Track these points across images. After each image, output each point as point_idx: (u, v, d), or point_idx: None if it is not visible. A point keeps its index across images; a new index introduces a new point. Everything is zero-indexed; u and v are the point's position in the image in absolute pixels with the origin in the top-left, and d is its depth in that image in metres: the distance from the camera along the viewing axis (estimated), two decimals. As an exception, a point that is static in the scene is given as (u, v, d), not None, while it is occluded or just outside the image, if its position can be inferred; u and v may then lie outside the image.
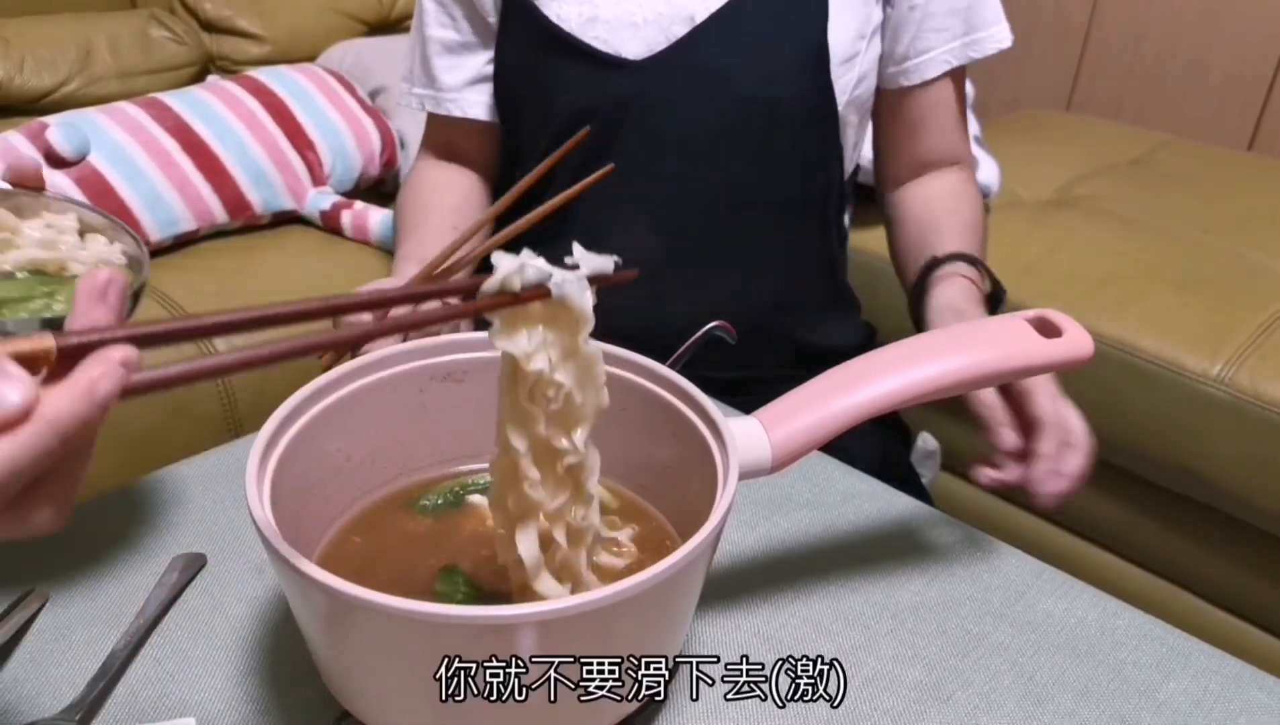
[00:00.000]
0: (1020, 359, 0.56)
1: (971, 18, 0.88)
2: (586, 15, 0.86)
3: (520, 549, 0.48)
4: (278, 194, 1.53)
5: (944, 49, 0.88)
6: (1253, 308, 1.34)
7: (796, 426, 0.52)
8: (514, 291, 0.43)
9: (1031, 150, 1.84)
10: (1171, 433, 1.29)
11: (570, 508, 0.48)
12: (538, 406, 0.46)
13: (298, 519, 0.51)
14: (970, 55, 0.89)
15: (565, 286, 0.44)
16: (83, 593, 0.58)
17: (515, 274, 0.43)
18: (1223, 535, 1.32)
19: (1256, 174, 1.78)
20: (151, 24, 1.70)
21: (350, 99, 1.63)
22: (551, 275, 0.43)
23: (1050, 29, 2.30)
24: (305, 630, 0.47)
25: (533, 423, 0.46)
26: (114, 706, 0.51)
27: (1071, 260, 1.47)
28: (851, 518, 0.67)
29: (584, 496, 0.49)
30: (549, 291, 0.44)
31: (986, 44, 0.89)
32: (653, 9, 0.84)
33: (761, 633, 0.57)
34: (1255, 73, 2.07)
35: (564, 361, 0.45)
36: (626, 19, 0.85)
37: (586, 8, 0.86)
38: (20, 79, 1.54)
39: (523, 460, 0.47)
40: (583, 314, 0.44)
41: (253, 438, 0.50)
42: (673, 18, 0.84)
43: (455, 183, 0.98)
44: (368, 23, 1.90)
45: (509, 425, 0.47)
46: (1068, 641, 0.57)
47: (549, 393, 0.45)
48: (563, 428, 0.47)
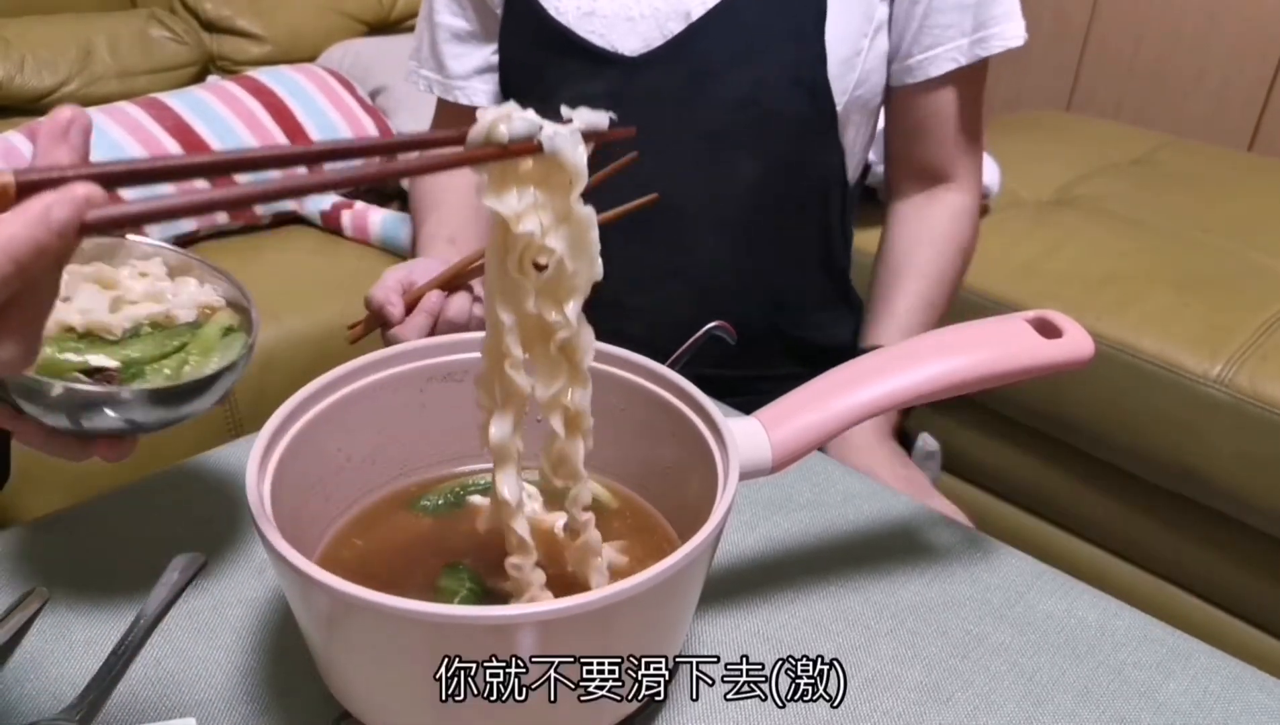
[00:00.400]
0: (1020, 359, 0.56)
1: (981, 13, 0.85)
2: (584, 9, 0.86)
3: (501, 489, 0.47)
4: (278, 194, 1.53)
5: (950, 46, 0.86)
6: (1253, 308, 1.34)
7: (797, 426, 0.52)
8: (502, 142, 0.40)
9: (1031, 150, 1.84)
10: (1171, 433, 1.29)
11: (567, 391, 0.46)
12: (527, 277, 0.43)
13: (298, 519, 0.51)
14: (978, 54, 0.86)
15: (557, 140, 0.41)
16: (83, 593, 0.58)
17: (502, 121, 0.40)
18: (1223, 536, 1.32)
19: (1256, 174, 1.78)
20: (151, 24, 1.70)
21: (350, 99, 1.63)
22: (541, 127, 0.41)
23: (1050, 29, 2.30)
24: (305, 630, 0.47)
25: (522, 296, 0.44)
26: (114, 706, 0.51)
27: (1071, 260, 1.47)
28: (851, 518, 0.67)
29: (580, 377, 0.46)
30: (540, 146, 0.41)
31: (995, 42, 0.86)
32: (649, 4, 0.84)
33: (761, 633, 0.57)
34: (1255, 73, 2.07)
35: (556, 226, 0.43)
36: (623, 14, 0.85)
37: (584, 1, 0.86)
38: (20, 79, 1.54)
39: (508, 336, 0.45)
40: (576, 169, 0.42)
41: (253, 438, 0.50)
42: (669, 14, 0.84)
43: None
44: (368, 23, 1.90)
45: (496, 299, 0.44)
46: (1068, 642, 0.57)
47: (540, 260, 0.43)
48: (554, 300, 0.44)
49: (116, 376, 0.49)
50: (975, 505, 1.55)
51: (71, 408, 0.46)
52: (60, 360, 0.48)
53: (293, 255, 1.51)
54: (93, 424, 0.47)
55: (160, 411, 0.47)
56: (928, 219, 0.94)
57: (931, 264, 0.92)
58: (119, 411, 0.47)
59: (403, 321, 0.76)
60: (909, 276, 0.92)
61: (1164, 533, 1.38)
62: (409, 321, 0.75)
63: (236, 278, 0.55)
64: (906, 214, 0.95)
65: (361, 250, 1.53)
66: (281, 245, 1.53)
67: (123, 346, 0.50)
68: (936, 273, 0.92)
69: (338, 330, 1.34)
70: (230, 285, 0.55)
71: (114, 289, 0.52)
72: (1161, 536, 1.38)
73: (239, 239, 1.53)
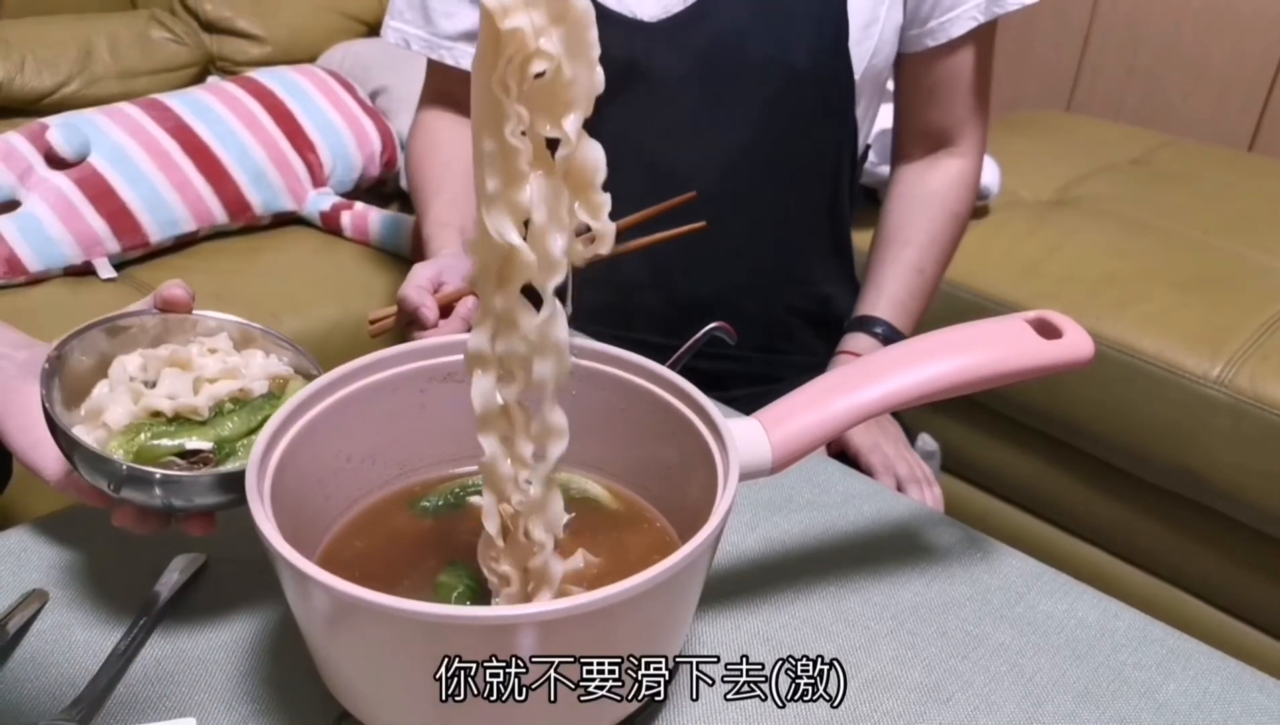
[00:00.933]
0: (1020, 360, 0.56)
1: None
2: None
3: (474, 396, 0.45)
4: (278, 195, 1.53)
5: (970, 5, 0.86)
6: (1253, 308, 1.34)
7: (797, 427, 0.52)
8: None
9: (1031, 150, 1.84)
10: (1171, 434, 1.29)
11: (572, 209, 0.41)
12: (511, 98, 0.38)
13: (298, 519, 0.51)
14: (995, 11, 0.87)
15: None
16: (83, 593, 0.58)
17: None
18: (1223, 536, 1.32)
19: (1256, 174, 1.78)
20: (152, 25, 1.70)
21: (350, 99, 1.64)
22: None
23: (1050, 29, 2.30)
24: (305, 630, 0.47)
25: (504, 118, 0.39)
26: (114, 706, 0.51)
27: (1071, 260, 1.47)
28: (851, 519, 0.67)
29: (591, 205, 0.40)
30: None
31: (1011, 1, 0.86)
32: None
33: (761, 633, 0.57)
34: (1255, 73, 2.07)
35: (552, 25, 0.38)
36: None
37: None
38: (21, 79, 1.54)
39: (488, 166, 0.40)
40: None
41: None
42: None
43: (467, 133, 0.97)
44: (368, 23, 1.90)
45: (479, 126, 0.40)
46: (1068, 643, 0.57)
47: (532, 69, 0.38)
48: (549, 113, 0.39)
49: (212, 458, 0.51)
50: (975, 505, 1.55)
51: (171, 492, 0.49)
52: (155, 447, 0.50)
53: (292, 256, 1.51)
54: (188, 503, 0.50)
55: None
56: (927, 184, 0.95)
57: (923, 232, 0.94)
58: (216, 492, 0.50)
59: (437, 325, 0.74)
60: (900, 244, 0.94)
61: (1164, 533, 1.38)
62: (445, 326, 0.74)
63: (300, 345, 0.57)
64: (907, 179, 0.97)
65: (361, 251, 1.53)
66: (281, 246, 1.53)
67: (212, 427, 0.52)
68: (928, 240, 0.94)
69: (337, 330, 1.35)
70: (294, 351, 0.57)
71: (191, 369, 0.53)
72: (1161, 537, 1.38)
73: (239, 239, 1.53)
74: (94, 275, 1.39)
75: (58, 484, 0.54)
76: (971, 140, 0.96)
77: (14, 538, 0.62)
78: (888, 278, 0.93)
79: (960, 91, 0.92)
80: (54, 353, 0.52)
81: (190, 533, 0.53)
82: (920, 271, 0.93)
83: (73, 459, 0.50)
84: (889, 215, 0.97)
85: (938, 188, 0.95)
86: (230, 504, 0.50)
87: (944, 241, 0.95)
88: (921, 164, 0.96)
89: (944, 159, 0.95)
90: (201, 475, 0.49)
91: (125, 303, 0.58)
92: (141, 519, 0.52)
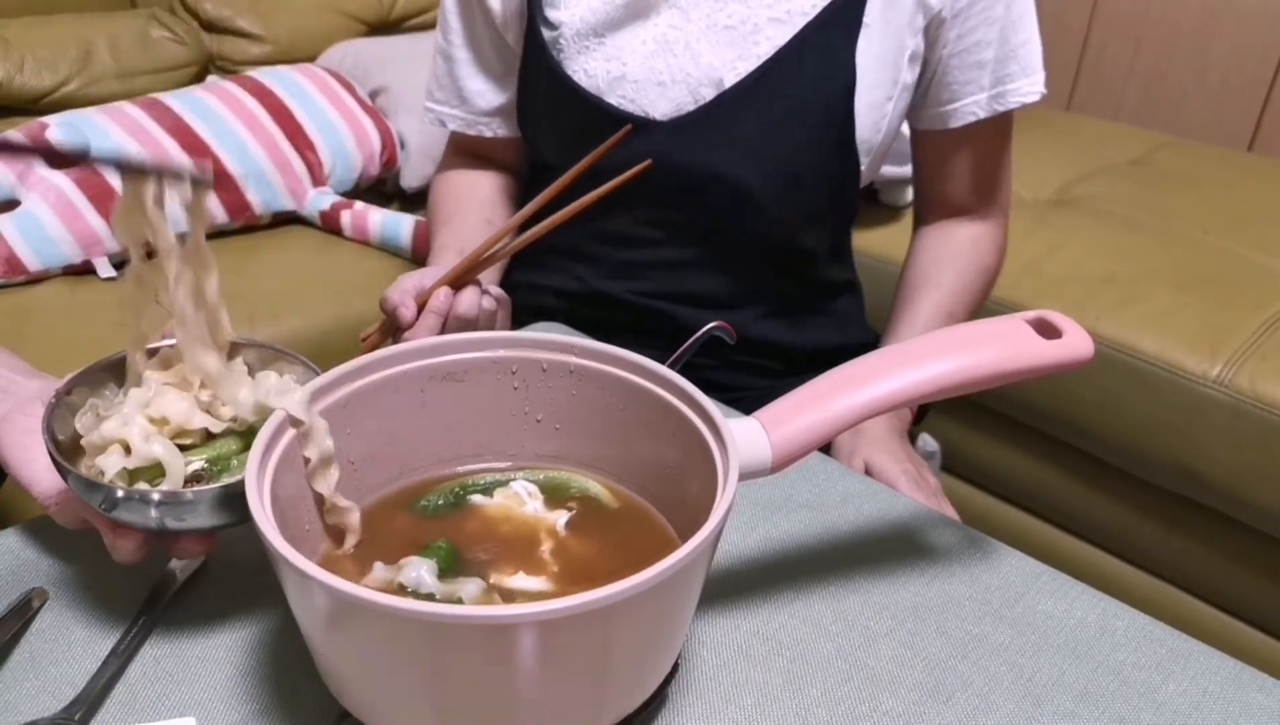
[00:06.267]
0: (1020, 360, 0.56)
1: (999, 71, 0.88)
2: (614, 74, 0.86)
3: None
4: (278, 194, 1.53)
5: (969, 100, 0.89)
6: (1253, 308, 1.34)
7: (797, 427, 0.52)
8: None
9: (1031, 150, 1.84)
10: (1171, 434, 1.29)
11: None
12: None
13: (298, 519, 0.51)
14: (996, 109, 0.89)
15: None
16: (83, 593, 0.58)
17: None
18: (1222, 536, 1.32)
19: (1256, 174, 1.78)
20: (151, 24, 1.70)
21: (350, 99, 1.63)
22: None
23: (1050, 29, 2.29)
24: (305, 630, 0.47)
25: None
26: (114, 706, 0.51)
27: (1071, 260, 1.47)
28: (851, 519, 0.67)
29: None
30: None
31: (1011, 98, 0.89)
32: (680, 69, 0.84)
33: (761, 633, 0.57)
34: (1255, 73, 2.07)
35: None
36: (654, 78, 0.85)
37: (614, 65, 0.85)
38: (20, 79, 1.54)
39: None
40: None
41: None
42: (700, 80, 0.84)
43: (487, 178, 1.01)
44: (368, 23, 1.90)
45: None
46: (1067, 642, 0.57)
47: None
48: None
49: (205, 475, 0.52)
50: (975, 505, 1.55)
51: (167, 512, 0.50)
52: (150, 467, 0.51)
53: (292, 255, 1.51)
54: (182, 524, 0.51)
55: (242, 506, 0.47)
56: (954, 238, 0.96)
57: (951, 277, 0.94)
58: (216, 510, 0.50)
59: (413, 324, 0.77)
60: (928, 288, 0.94)
61: (1163, 533, 1.38)
62: (419, 323, 0.77)
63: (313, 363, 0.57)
64: (931, 236, 0.98)
65: (361, 250, 1.53)
66: (281, 245, 1.53)
67: (210, 447, 0.53)
68: (958, 286, 0.94)
69: (337, 330, 1.35)
70: (310, 372, 0.57)
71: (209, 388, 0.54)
72: (1161, 537, 1.38)
73: (239, 239, 1.53)
74: (94, 274, 1.39)
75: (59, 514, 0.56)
76: (992, 211, 0.96)
77: (13, 537, 0.62)
78: (918, 318, 0.93)
79: (972, 173, 0.93)
80: (64, 388, 0.54)
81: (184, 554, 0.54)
82: (950, 316, 0.93)
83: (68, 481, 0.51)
84: (914, 266, 0.97)
85: (965, 242, 0.96)
86: (233, 524, 0.51)
87: (974, 290, 0.95)
88: (945, 224, 0.97)
89: (966, 223, 0.96)
90: (203, 492, 0.50)
91: (125, 303, 0.59)
92: (141, 546, 0.53)
